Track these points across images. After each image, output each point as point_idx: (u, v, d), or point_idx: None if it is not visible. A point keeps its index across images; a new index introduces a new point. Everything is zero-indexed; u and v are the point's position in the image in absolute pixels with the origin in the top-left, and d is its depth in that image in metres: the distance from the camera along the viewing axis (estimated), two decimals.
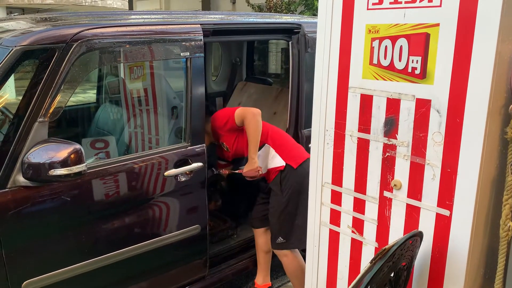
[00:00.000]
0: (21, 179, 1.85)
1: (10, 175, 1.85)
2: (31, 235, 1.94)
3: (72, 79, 1.98)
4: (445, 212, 1.62)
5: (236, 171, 2.79)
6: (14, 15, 3.16)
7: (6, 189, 1.85)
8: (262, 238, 2.83)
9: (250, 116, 2.55)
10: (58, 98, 1.93)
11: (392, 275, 1.52)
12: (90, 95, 4.56)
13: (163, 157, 2.34)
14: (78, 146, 1.87)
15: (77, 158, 1.85)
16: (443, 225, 1.63)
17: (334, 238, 2.04)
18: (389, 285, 1.53)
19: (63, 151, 1.83)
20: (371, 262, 1.45)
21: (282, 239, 2.65)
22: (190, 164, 2.42)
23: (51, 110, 1.91)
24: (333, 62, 1.90)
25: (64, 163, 1.82)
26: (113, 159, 2.26)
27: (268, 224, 2.75)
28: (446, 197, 1.61)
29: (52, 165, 1.81)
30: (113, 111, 3.25)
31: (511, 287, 1.57)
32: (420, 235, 1.60)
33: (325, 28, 1.89)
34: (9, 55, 1.90)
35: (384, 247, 1.45)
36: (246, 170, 2.63)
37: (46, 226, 1.98)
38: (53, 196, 1.96)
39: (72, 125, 3.54)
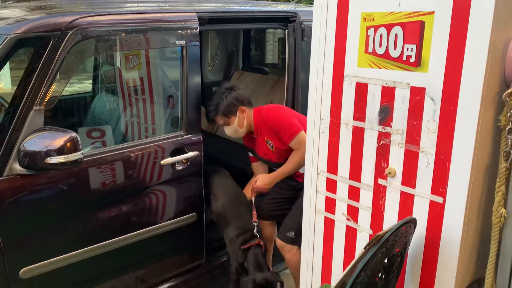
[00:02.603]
0: (17, 167, 1.86)
1: (7, 163, 1.86)
2: (28, 223, 1.95)
3: (67, 67, 1.97)
4: (439, 199, 1.63)
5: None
6: (9, 3, 3.14)
7: (3, 177, 1.86)
8: (268, 228, 2.83)
9: (304, 150, 2.35)
10: (54, 86, 1.93)
11: (386, 261, 1.54)
12: (86, 85, 4.55)
13: (159, 145, 2.34)
14: (74, 134, 1.87)
15: (73, 146, 1.85)
16: (436, 212, 1.65)
17: (329, 225, 2.06)
18: (383, 271, 1.55)
19: (59, 139, 1.84)
20: (365, 248, 1.47)
21: (293, 234, 2.60)
22: (186, 152, 2.42)
23: (46, 99, 1.91)
24: (329, 50, 1.90)
25: (60, 151, 1.83)
26: (109, 147, 2.27)
27: (276, 219, 2.74)
28: (439, 184, 1.62)
29: (48, 153, 1.82)
30: (109, 100, 3.25)
31: (503, 273, 1.59)
32: (413, 221, 1.61)
33: (321, 16, 1.89)
34: (3, 43, 1.89)
35: (378, 233, 1.47)
36: (261, 184, 2.63)
37: (42, 214, 1.98)
38: (49, 184, 1.96)
39: (68, 114, 3.54)
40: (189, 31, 2.35)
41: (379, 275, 1.54)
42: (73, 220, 2.09)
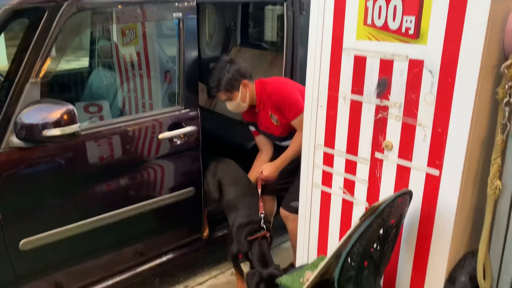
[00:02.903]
0: (15, 140, 1.86)
1: (4, 136, 1.85)
2: (26, 195, 1.96)
3: (63, 40, 1.95)
4: (435, 172, 1.64)
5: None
6: None
7: (0, 150, 1.86)
8: (269, 203, 2.83)
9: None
10: (50, 58, 1.91)
11: (381, 232, 1.55)
12: (83, 63, 4.50)
13: (157, 120, 2.34)
14: (71, 106, 1.87)
15: (70, 119, 1.85)
16: (432, 185, 1.66)
17: (325, 199, 2.08)
18: (378, 242, 1.57)
19: (56, 112, 1.83)
20: (360, 219, 1.48)
21: (296, 204, 2.54)
22: (184, 127, 2.42)
23: (42, 71, 1.90)
24: (327, 23, 1.88)
25: (57, 124, 1.82)
26: (107, 121, 2.26)
27: (279, 193, 2.74)
28: (436, 157, 1.63)
29: (45, 126, 1.81)
30: (106, 75, 3.22)
31: (496, 244, 1.61)
32: (409, 193, 1.63)
33: None
34: None
35: (374, 204, 1.48)
36: (268, 173, 2.60)
37: (41, 187, 1.99)
38: (47, 157, 1.97)
39: (65, 90, 3.51)
40: (186, 3, 2.31)
41: (375, 246, 1.56)
42: (71, 193, 2.10)
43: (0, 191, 1.89)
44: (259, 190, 2.64)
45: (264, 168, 2.65)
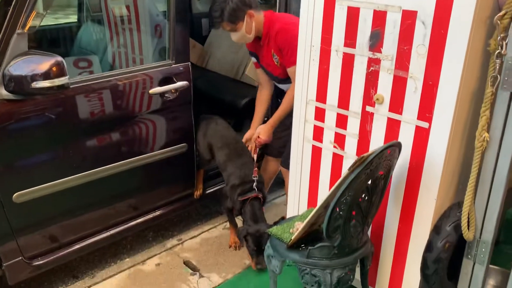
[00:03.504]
0: (3, 92, 1.83)
1: None
2: (17, 148, 1.95)
3: None
4: (424, 125, 1.66)
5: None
6: None
7: None
8: (274, 164, 2.85)
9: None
10: (36, 8, 1.86)
11: (369, 182, 1.58)
12: (72, 20, 4.39)
13: (147, 74, 2.31)
14: (59, 58, 1.83)
15: (59, 71, 1.82)
16: (421, 137, 1.68)
17: (316, 153, 2.10)
18: (366, 193, 1.60)
19: (45, 64, 1.80)
20: (349, 169, 1.51)
21: None
22: (175, 82, 2.40)
23: (29, 21, 1.85)
24: None
25: (46, 76, 1.79)
26: (97, 74, 2.23)
27: (280, 156, 2.75)
28: (426, 109, 1.64)
29: (34, 78, 1.78)
30: (96, 30, 3.15)
31: (482, 196, 1.65)
32: (398, 145, 1.64)
33: None
34: None
35: (363, 155, 1.50)
36: (265, 137, 2.57)
37: (31, 140, 1.98)
38: (37, 110, 1.95)
39: (54, 45, 3.44)
40: None
41: (363, 196, 1.59)
42: (62, 146, 2.09)
43: None
44: (255, 156, 2.63)
45: (260, 132, 2.61)
